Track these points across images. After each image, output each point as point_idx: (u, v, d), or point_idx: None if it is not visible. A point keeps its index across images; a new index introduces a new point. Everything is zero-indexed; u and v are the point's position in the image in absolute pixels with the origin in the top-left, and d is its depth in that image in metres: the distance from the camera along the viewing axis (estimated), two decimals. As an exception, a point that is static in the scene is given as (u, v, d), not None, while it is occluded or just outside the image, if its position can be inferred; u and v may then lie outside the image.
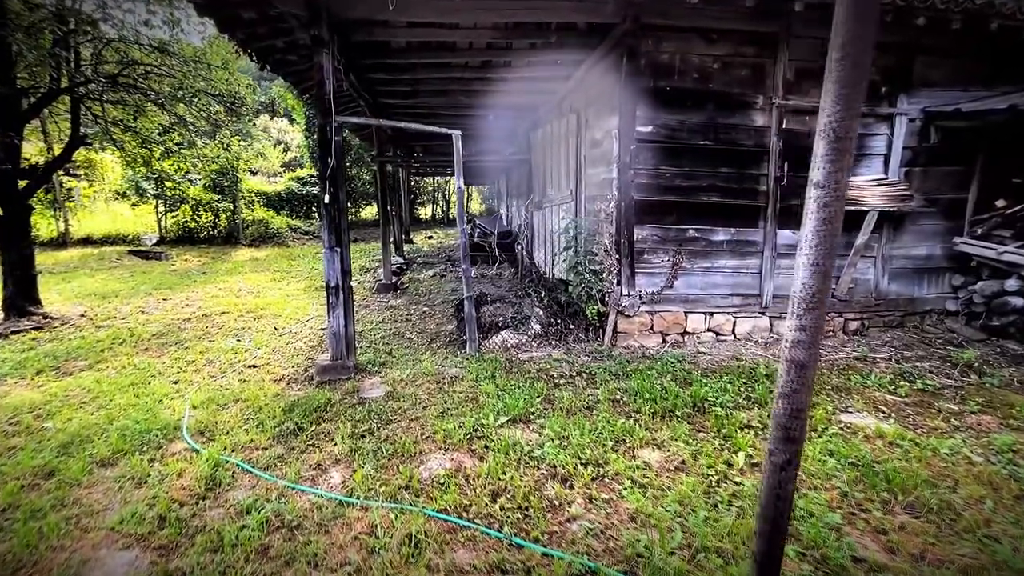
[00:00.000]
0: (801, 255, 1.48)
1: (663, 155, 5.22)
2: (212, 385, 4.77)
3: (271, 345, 6.03)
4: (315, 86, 4.60)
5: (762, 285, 5.54)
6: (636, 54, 4.99)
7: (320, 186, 4.64)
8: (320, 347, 5.91)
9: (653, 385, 4.27)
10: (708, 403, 3.95)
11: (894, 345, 5.41)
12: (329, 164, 4.60)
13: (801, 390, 1.40)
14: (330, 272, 4.72)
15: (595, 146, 6.13)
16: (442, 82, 7.56)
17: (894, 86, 5.42)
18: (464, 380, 4.62)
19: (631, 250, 5.26)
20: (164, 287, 9.76)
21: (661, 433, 3.51)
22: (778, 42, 5.15)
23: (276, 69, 6.26)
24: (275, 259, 13.93)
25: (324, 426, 3.82)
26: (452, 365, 5.02)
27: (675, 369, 4.71)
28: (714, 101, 5.20)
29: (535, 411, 3.87)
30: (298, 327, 6.85)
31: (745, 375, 4.51)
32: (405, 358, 5.38)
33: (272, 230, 16.99)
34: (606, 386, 4.34)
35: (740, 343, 5.48)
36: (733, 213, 5.42)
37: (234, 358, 5.57)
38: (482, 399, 4.17)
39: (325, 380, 4.70)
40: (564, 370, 4.78)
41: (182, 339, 6.28)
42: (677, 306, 5.44)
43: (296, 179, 20.83)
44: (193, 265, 12.92)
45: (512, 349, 5.32)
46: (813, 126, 5.35)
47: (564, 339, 5.46)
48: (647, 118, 5.13)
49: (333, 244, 4.69)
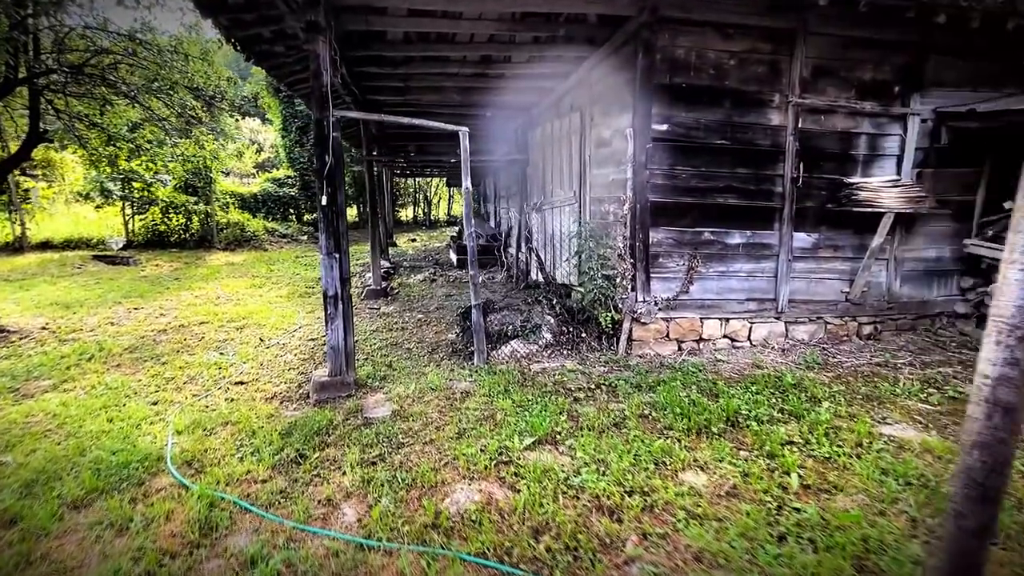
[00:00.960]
0: (1013, 268, 1.21)
1: (678, 155, 5.00)
2: (196, 406, 4.32)
3: (258, 358, 5.58)
4: (310, 77, 4.22)
5: (778, 289, 5.37)
6: (652, 48, 4.75)
7: (317, 186, 4.25)
8: (313, 360, 5.49)
9: (680, 398, 4.03)
10: (742, 417, 3.72)
11: (910, 350, 5.31)
12: (327, 162, 4.22)
13: (1006, 440, 1.13)
14: (328, 280, 4.33)
15: (602, 145, 5.88)
16: (436, 78, 7.21)
17: (907, 86, 5.32)
18: (476, 395, 4.29)
19: (646, 254, 5.02)
20: (134, 295, 9.11)
21: (701, 453, 3.26)
22: (795, 38, 4.99)
23: (260, 61, 5.81)
24: (253, 264, 13.29)
25: (329, 452, 3.44)
26: (460, 378, 4.68)
27: (698, 379, 4.48)
28: (730, 99, 5.01)
29: (561, 430, 3.57)
30: (285, 338, 6.39)
31: (772, 385, 4.31)
32: (407, 371, 5.02)
33: (248, 233, 16.27)
34: (630, 400, 4.07)
35: (757, 349, 5.29)
36: (749, 215, 5.24)
37: (218, 374, 5.11)
38: (500, 417, 3.85)
39: (324, 398, 4.31)
40: (582, 382, 4.50)
41: (158, 353, 5.77)
42: (693, 312, 5.22)
43: (272, 180, 20.06)
44: (165, 271, 12.20)
45: (522, 360, 5.01)
46: (830, 125, 5.25)
47: (576, 348, 5.18)
48: (662, 116, 4.90)
49: (331, 249, 4.31)
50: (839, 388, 4.27)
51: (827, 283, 5.53)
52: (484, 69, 6.68)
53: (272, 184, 19.74)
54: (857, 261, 5.53)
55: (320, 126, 4.21)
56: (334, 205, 4.29)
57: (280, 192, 19.62)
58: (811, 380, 4.37)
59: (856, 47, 5.15)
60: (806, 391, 4.17)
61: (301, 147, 20.21)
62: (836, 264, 5.52)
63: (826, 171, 5.31)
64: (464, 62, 6.57)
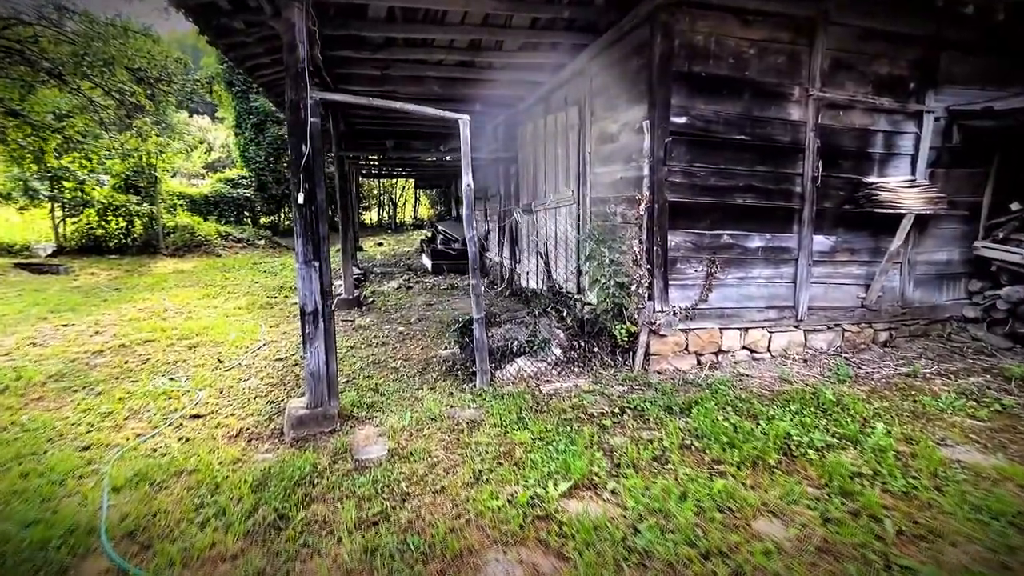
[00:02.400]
0: None
1: (697, 151, 4.58)
2: (141, 450, 3.52)
3: (217, 384, 4.76)
4: (283, 52, 3.52)
5: (797, 296, 5.03)
6: (670, 33, 4.30)
7: (292, 181, 3.55)
8: (283, 384, 4.73)
9: (719, 423, 3.56)
10: (794, 443, 3.29)
11: (929, 357, 5.08)
12: (304, 153, 3.53)
13: None
14: (306, 293, 3.63)
15: (606, 141, 5.40)
16: (417, 66, 6.55)
17: (922, 82, 5.11)
18: (486, 425, 3.69)
19: (664, 259, 4.56)
20: (64, 309, 7.95)
21: (767, 493, 2.78)
22: (815, 27, 4.67)
23: (218, 36, 5.01)
24: (205, 271, 12.13)
25: (317, 510, 2.76)
26: (463, 404, 4.07)
27: (729, 398, 4.04)
28: (750, 90, 4.63)
29: (599, 470, 3.01)
30: (248, 358, 5.57)
31: (811, 403, 3.92)
32: (398, 396, 4.35)
33: (199, 237, 14.96)
34: (665, 427, 3.57)
35: (778, 361, 4.93)
36: (768, 217, 4.88)
37: (169, 406, 4.28)
38: (520, 453, 3.26)
39: (303, 435, 3.59)
40: (603, 406, 3.97)
41: (92, 381, 4.85)
42: (712, 322, 4.80)
43: (225, 180, 18.66)
44: (102, 280, 10.91)
45: (530, 380, 4.44)
46: (848, 122, 4.95)
47: (588, 364, 4.66)
48: (680, 108, 4.46)
49: (310, 257, 3.61)
50: (881, 405, 3.93)
51: (844, 288, 5.24)
52: (472, 57, 6.09)
53: (225, 185, 18.37)
54: (872, 265, 5.28)
55: (296, 110, 3.51)
56: (312, 204, 3.60)
57: (234, 193, 18.28)
58: (850, 396, 4.01)
59: (873, 39, 4.89)
60: (848, 409, 3.80)
61: (257, 145, 18.93)
62: (852, 268, 5.24)
63: (844, 170, 5.02)
64: (451, 48, 5.96)
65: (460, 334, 4.54)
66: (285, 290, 9.65)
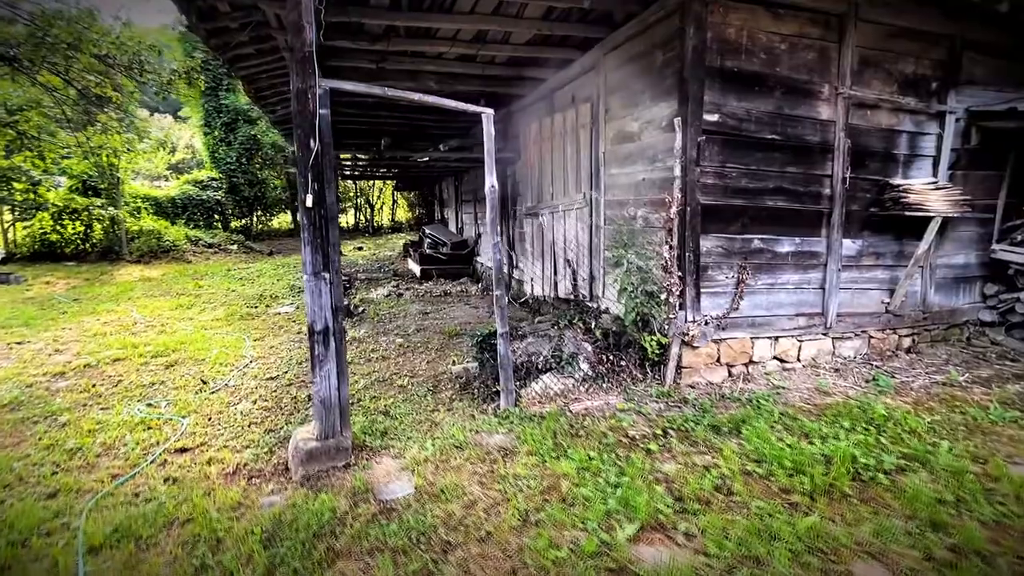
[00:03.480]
0: None
1: (729, 150, 4.32)
2: (120, 495, 3.00)
3: (203, 410, 4.23)
4: (289, 32, 3.07)
5: (827, 302, 4.83)
6: (703, 24, 4.03)
7: (299, 182, 3.10)
8: (280, 408, 4.24)
9: (774, 444, 3.28)
10: (861, 467, 3.03)
11: (956, 363, 4.96)
12: (313, 149, 3.09)
13: None
14: (315, 310, 3.18)
15: (625, 140, 5.10)
16: (415, 60, 6.13)
17: (944, 82, 5.01)
18: (520, 454, 3.31)
19: (697, 265, 4.28)
20: (17, 324, 7.18)
21: (854, 528, 2.50)
22: (845, 23, 4.49)
23: (201, 20, 4.49)
24: (175, 279, 11.34)
25: (345, 569, 2.33)
26: (489, 428, 3.67)
27: (773, 415, 3.77)
28: (781, 87, 4.41)
29: (662, 507, 2.68)
30: (236, 377, 5.03)
31: (860, 418, 3.68)
32: (412, 420, 3.93)
33: (166, 242, 14.05)
34: (717, 451, 3.27)
35: (809, 371, 4.71)
36: (797, 220, 4.67)
37: (148, 438, 3.75)
38: (567, 487, 2.90)
39: (314, 472, 3.14)
40: (643, 427, 3.65)
41: (55, 410, 4.25)
42: (743, 331, 4.55)
43: (194, 182, 17.65)
44: (59, 290, 10.03)
45: (557, 398, 4.08)
46: (875, 122, 4.79)
47: (616, 379, 4.33)
48: (713, 105, 4.19)
49: (319, 268, 3.17)
50: (932, 418, 3.73)
51: (869, 294, 5.09)
52: (476, 50, 5.71)
53: (194, 187, 17.40)
54: (896, 269, 5.14)
55: (302, 100, 3.07)
56: (322, 207, 3.16)
57: (203, 196, 17.33)
58: (900, 410, 3.80)
59: (900, 37, 4.75)
60: (903, 425, 3.58)
61: (227, 145, 18.02)
62: (877, 273, 5.09)
63: (871, 171, 4.86)
64: (454, 40, 5.57)
65: (479, 349, 4.15)
66: (266, 299, 9.03)
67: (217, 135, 17.87)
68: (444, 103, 3.59)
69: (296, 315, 7.79)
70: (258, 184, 18.99)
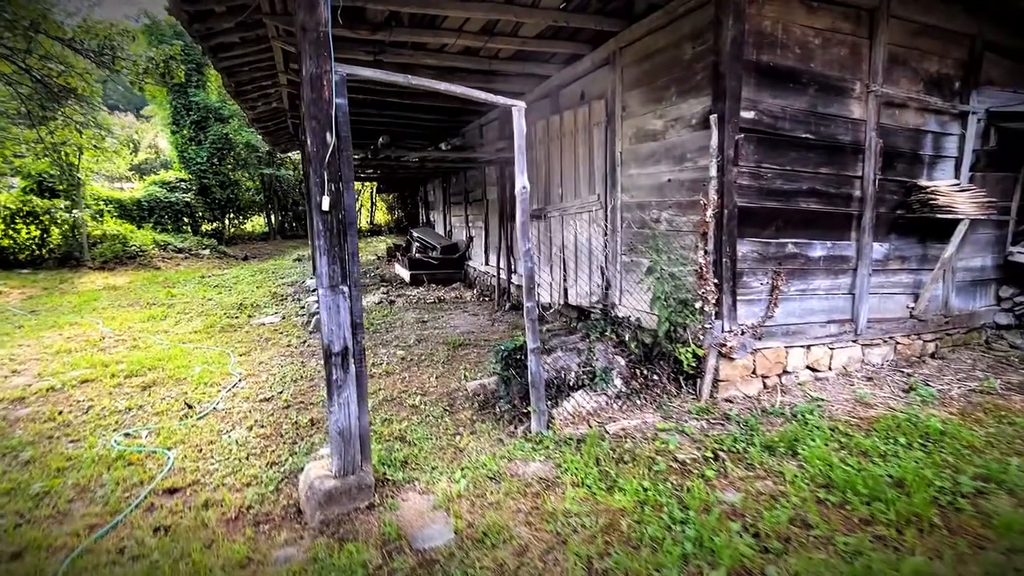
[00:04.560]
0: None
1: (764, 149, 4.09)
2: (101, 552, 2.53)
3: (192, 439, 3.74)
4: (301, 10, 2.65)
5: (857, 308, 4.66)
6: (742, 15, 3.79)
7: (314, 180, 2.69)
8: (280, 435, 3.79)
9: (835, 464, 3.04)
10: (936, 489, 2.80)
11: (982, 369, 4.85)
12: (329, 144, 2.69)
13: None
14: (332, 328, 2.77)
15: (647, 139, 4.83)
16: (415, 53, 5.74)
17: (966, 83, 4.91)
18: (564, 486, 2.97)
19: (733, 272, 4.03)
20: (-33, 340, 6.45)
21: (963, 569, 2.25)
22: (876, 19, 4.32)
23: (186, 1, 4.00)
24: (144, 287, 10.57)
25: (390, 646, 1.94)
26: (524, 456, 3.32)
27: (823, 431, 3.53)
28: (815, 84, 4.20)
29: (744, 549, 2.37)
30: (224, 398, 4.53)
31: (916, 433, 3.47)
32: (432, 445, 3.55)
33: (133, 248, 13.16)
34: (778, 475, 3.00)
35: (842, 380, 4.52)
36: (828, 223, 4.48)
37: (130, 476, 3.25)
38: (628, 527, 2.57)
39: (334, 516, 2.72)
40: (691, 449, 3.35)
41: (15, 444, 3.69)
42: (777, 340, 4.32)
43: (161, 184, 16.67)
44: (13, 300, 9.19)
45: (590, 417, 3.75)
46: (903, 121, 4.64)
47: (649, 394, 4.03)
48: (749, 101, 3.95)
49: (337, 280, 2.76)
50: (984, 431, 3.55)
51: (895, 298, 4.95)
52: (483, 42, 5.35)
53: (161, 188, 16.44)
54: (920, 273, 5.03)
55: (317, 87, 2.66)
56: (340, 211, 2.76)
57: (172, 198, 16.39)
58: (951, 423, 3.61)
59: (924, 35, 4.62)
60: (959, 439, 3.39)
61: (198, 145, 17.12)
62: (902, 277, 4.96)
63: (898, 173, 4.73)
64: (461, 31, 5.20)
65: (504, 365, 3.79)
66: (247, 308, 8.43)
67: (186, 134, 16.94)
68: (474, 94, 3.23)
69: (282, 326, 7.26)
70: (231, 185, 18.12)
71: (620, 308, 5.21)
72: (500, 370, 3.78)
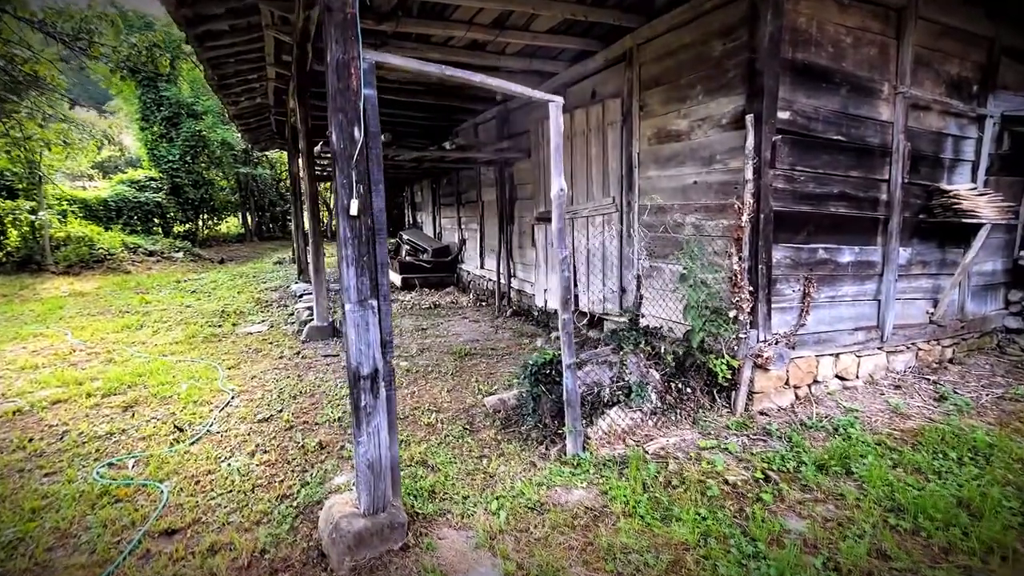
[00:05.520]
0: None
1: (798, 151, 3.93)
2: (94, 618, 2.16)
3: (186, 469, 3.35)
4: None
5: (882, 314, 4.55)
6: (780, 11, 3.61)
7: (340, 181, 2.37)
8: (287, 462, 3.43)
9: (895, 484, 2.87)
10: (1007, 512, 2.66)
11: (1001, 374, 4.82)
12: (357, 140, 2.38)
13: None
14: (361, 348, 2.46)
15: (669, 139, 4.63)
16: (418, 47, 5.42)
17: (984, 85, 4.87)
18: (614, 516, 2.72)
19: (769, 279, 3.85)
20: (-84, 355, 5.83)
21: (1064, 604, 2.09)
22: (905, 19, 4.21)
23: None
24: (115, 292, 9.91)
25: None
26: (562, 481, 3.06)
27: (869, 445, 3.38)
28: (847, 84, 4.07)
29: (831, 588, 2.17)
30: (219, 419, 4.13)
31: (964, 446, 3.35)
32: (458, 470, 3.25)
33: (100, 251, 12.38)
34: (840, 499, 2.82)
35: (871, 388, 4.41)
36: (856, 227, 4.36)
37: (118, 515, 2.86)
38: (694, 562, 2.34)
39: (365, 562, 2.41)
40: (738, 470, 3.14)
41: (-20, 480, 3.24)
42: (809, 349, 4.17)
43: (130, 183, 15.79)
44: (-32, 309, 8.45)
45: (626, 436, 3.52)
46: (927, 124, 4.56)
47: (683, 408, 3.82)
48: (784, 101, 3.78)
49: (366, 294, 2.46)
50: (1028, 441, 3.46)
51: (916, 304, 4.87)
52: (492, 36, 5.08)
53: (129, 187, 15.58)
54: (939, 278, 4.97)
55: (344, 75, 2.35)
56: (370, 216, 2.45)
57: (142, 198, 15.55)
58: (996, 435, 3.50)
59: (948, 37, 4.55)
60: (1009, 452, 3.27)
61: (169, 142, 16.30)
62: (922, 282, 4.89)
63: (921, 176, 4.64)
64: (471, 24, 4.93)
65: (534, 381, 3.52)
66: (230, 316, 7.93)
67: (157, 130, 16.10)
68: (512, 88, 2.94)
69: (271, 335, 6.82)
70: (204, 185, 17.33)
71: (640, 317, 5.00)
72: (529, 386, 3.51)
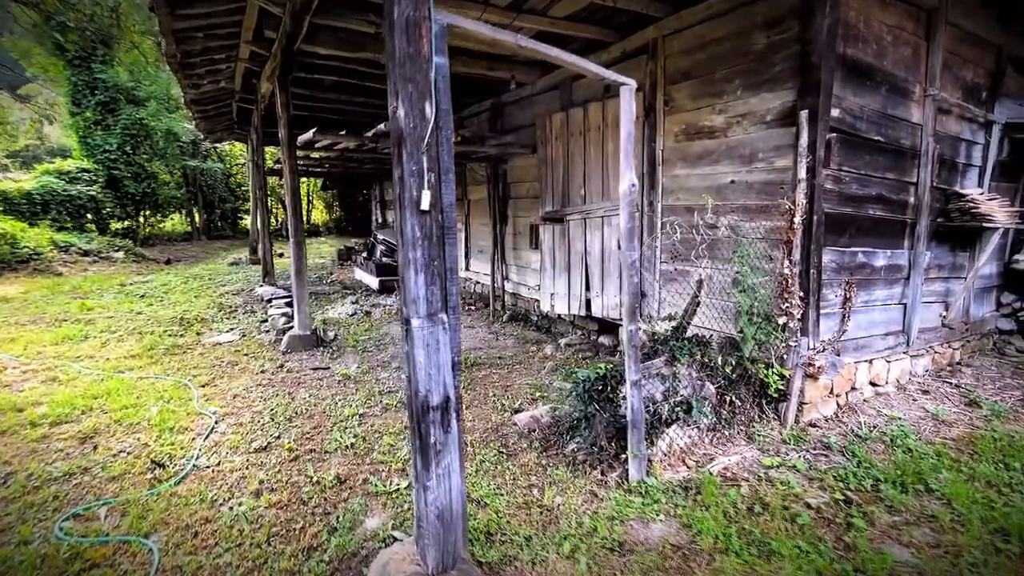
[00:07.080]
0: None
1: (845, 151, 3.78)
2: None
3: (177, 518, 2.75)
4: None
5: (909, 319, 4.51)
6: (838, 2, 3.43)
7: (408, 169, 1.91)
8: (302, 502, 2.91)
9: (982, 503, 2.73)
10: (1098, 527, 2.55)
11: (1009, 376, 4.91)
12: (428, 119, 1.94)
13: None
14: (430, 373, 2.01)
15: (700, 136, 4.40)
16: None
17: (992, 92, 4.96)
18: (705, 553, 2.41)
19: (819, 284, 3.68)
20: None
21: None
22: (934, 20, 4.17)
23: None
24: (46, 298, 8.69)
25: None
26: (635, 513, 2.71)
27: (928, 457, 3.25)
28: (886, 84, 3.96)
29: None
30: (206, 449, 3.50)
31: (1021, 455, 3.28)
32: (508, 502, 2.85)
33: (24, 250, 10.93)
34: (933, 520, 2.63)
35: (902, 394, 4.34)
36: (888, 230, 4.29)
37: (100, 589, 2.25)
38: (821, 611, 2.05)
39: (440, 637, 1.96)
40: (815, 492, 2.91)
41: (-102, 546, 2.51)
42: (849, 356, 4.04)
43: (58, 174, 14.09)
44: None
45: (685, 455, 3.22)
46: (947, 128, 4.56)
47: (736, 422, 3.57)
48: (836, 98, 3.61)
49: (437, 306, 2.01)
50: (1075, 447, 3.44)
51: (931, 308, 4.89)
52: (511, 19, 4.68)
53: (58, 179, 13.92)
54: (950, 281, 5.02)
55: (414, 37, 1.90)
56: (440, 211, 2.01)
57: (73, 191, 13.93)
58: (1045, 440, 3.47)
59: (967, 42, 4.58)
60: (1064, 459, 3.23)
61: (105, 130, 14.73)
62: (937, 286, 4.91)
63: (941, 180, 4.65)
64: (487, 5, 4.50)
65: (586, 399, 3.15)
66: (192, 324, 7.07)
67: (90, 116, 14.47)
68: (587, 65, 2.57)
69: (245, 345, 6.09)
70: (147, 179, 15.79)
71: (658, 322, 4.75)
72: (582, 405, 3.14)
